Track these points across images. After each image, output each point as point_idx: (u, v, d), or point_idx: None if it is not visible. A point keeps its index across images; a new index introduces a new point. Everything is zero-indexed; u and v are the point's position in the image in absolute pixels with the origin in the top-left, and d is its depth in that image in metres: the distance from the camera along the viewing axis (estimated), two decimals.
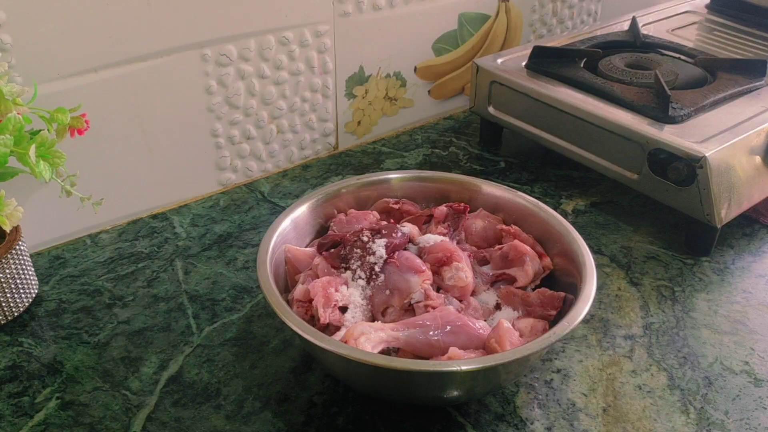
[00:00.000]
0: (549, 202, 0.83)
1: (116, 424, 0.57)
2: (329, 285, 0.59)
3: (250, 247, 0.77)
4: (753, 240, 0.79)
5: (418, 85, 1.01)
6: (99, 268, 0.74)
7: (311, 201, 0.68)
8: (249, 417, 0.58)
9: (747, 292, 0.71)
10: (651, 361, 0.63)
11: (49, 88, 0.69)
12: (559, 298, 0.60)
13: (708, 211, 0.73)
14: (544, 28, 1.13)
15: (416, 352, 0.55)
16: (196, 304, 0.69)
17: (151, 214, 0.83)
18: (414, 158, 0.95)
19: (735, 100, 0.82)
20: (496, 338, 0.54)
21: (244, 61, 0.81)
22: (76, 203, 0.69)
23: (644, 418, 0.58)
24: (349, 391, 0.60)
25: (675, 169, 0.73)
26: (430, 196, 0.72)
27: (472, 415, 0.58)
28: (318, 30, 0.86)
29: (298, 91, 0.88)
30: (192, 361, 0.63)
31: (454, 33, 1.01)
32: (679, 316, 0.68)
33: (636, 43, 0.98)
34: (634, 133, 0.77)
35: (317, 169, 0.92)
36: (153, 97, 0.77)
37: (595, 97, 0.83)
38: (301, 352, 0.64)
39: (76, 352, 0.64)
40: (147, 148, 0.79)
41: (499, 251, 0.65)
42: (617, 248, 0.77)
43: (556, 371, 0.62)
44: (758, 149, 0.76)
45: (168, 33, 0.75)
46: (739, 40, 1.02)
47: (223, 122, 0.83)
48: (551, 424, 0.57)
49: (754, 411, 0.59)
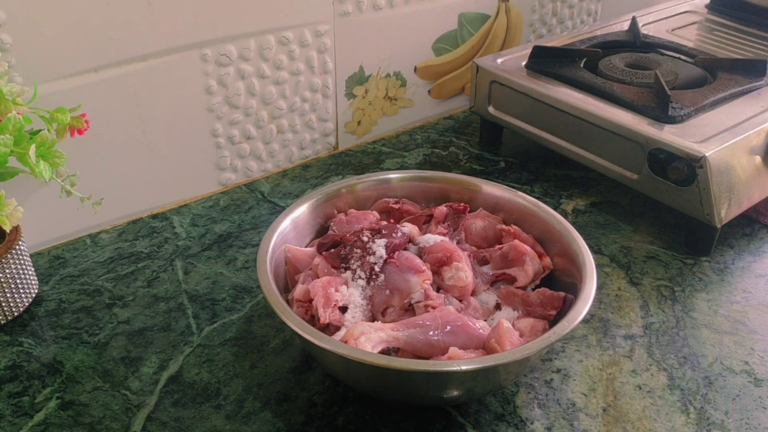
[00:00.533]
0: (549, 201, 0.83)
1: (116, 424, 0.57)
2: (329, 285, 0.59)
3: (250, 247, 0.77)
4: (753, 240, 0.79)
5: (418, 85, 1.01)
6: (99, 268, 0.74)
7: (311, 201, 0.68)
8: (249, 417, 0.58)
9: (747, 291, 0.71)
10: (651, 361, 0.63)
11: (49, 88, 0.69)
12: (559, 298, 0.60)
13: (708, 211, 0.73)
14: (544, 28, 1.13)
15: (416, 352, 0.55)
16: (196, 303, 0.69)
17: (151, 214, 0.83)
18: (414, 158, 0.95)
19: (735, 100, 0.82)
20: (496, 338, 0.54)
21: (244, 61, 0.81)
22: (76, 203, 0.69)
23: (644, 417, 0.58)
24: (349, 391, 0.60)
25: (675, 168, 0.73)
26: (430, 196, 0.72)
27: (472, 415, 0.58)
28: (318, 30, 0.86)
29: (298, 91, 0.88)
30: (192, 361, 0.63)
31: (454, 33, 1.01)
32: (679, 316, 0.68)
33: (636, 43, 0.98)
34: (634, 133, 0.77)
35: (317, 169, 0.92)
36: (153, 97, 0.77)
37: (595, 97, 0.83)
38: (301, 352, 0.64)
39: (76, 352, 0.64)
40: (147, 148, 0.79)
41: (499, 251, 0.65)
42: (617, 248, 0.77)
43: (556, 371, 0.62)
44: (758, 149, 0.76)
45: (168, 33, 0.75)
46: (739, 39, 1.02)
47: (223, 122, 0.83)
48: (551, 423, 0.57)
49: (754, 411, 0.59)
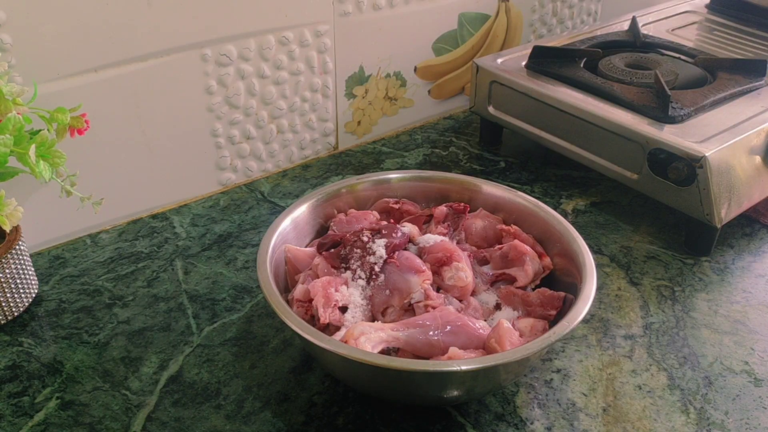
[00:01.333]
0: (549, 201, 0.83)
1: (116, 424, 0.57)
2: (329, 285, 0.59)
3: (250, 247, 0.77)
4: (753, 240, 0.79)
5: (418, 85, 1.01)
6: (99, 268, 0.74)
7: (311, 201, 0.68)
8: (249, 417, 0.58)
9: (747, 291, 0.71)
10: (651, 361, 0.63)
11: (49, 87, 0.69)
12: (559, 297, 0.60)
13: (708, 211, 0.73)
14: (544, 27, 1.13)
15: (416, 352, 0.55)
16: (196, 304, 0.69)
17: (151, 213, 0.83)
18: (414, 158, 0.95)
19: (735, 100, 0.82)
20: (496, 338, 0.54)
21: (244, 60, 0.81)
22: (76, 203, 0.69)
23: (644, 417, 0.58)
24: (349, 391, 0.60)
25: (675, 168, 0.73)
26: (430, 196, 0.72)
27: (472, 415, 0.58)
28: (318, 30, 0.86)
29: (298, 91, 0.88)
30: (192, 361, 0.63)
31: (454, 33, 1.01)
32: (679, 315, 0.68)
33: (636, 43, 0.98)
34: (634, 133, 0.77)
35: (317, 169, 0.92)
36: (153, 97, 0.77)
37: (595, 97, 0.83)
38: (301, 352, 0.64)
39: (76, 352, 0.64)
40: (147, 147, 0.79)
41: (499, 251, 0.65)
42: (617, 248, 0.77)
43: (556, 371, 0.62)
44: (758, 149, 0.76)
45: (168, 33, 0.75)
46: (739, 39, 1.02)
47: (223, 122, 0.83)
48: (551, 423, 0.57)
49: (754, 411, 0.59)
